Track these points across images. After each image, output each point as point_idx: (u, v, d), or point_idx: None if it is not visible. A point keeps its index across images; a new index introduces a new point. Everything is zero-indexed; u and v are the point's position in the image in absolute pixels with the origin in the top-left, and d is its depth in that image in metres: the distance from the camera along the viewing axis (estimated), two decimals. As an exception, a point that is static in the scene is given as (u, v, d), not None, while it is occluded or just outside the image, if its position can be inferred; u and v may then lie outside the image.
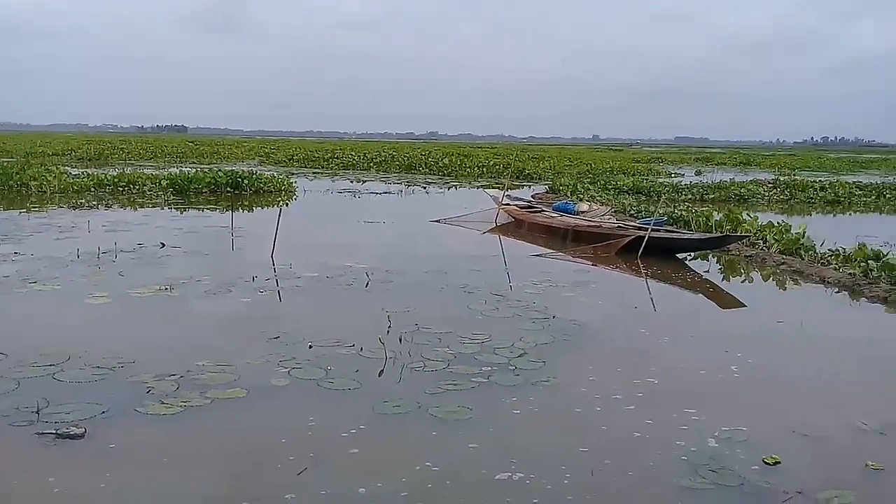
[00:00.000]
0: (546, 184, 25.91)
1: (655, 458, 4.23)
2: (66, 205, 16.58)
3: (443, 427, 4.60)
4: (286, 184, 21.66)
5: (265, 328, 6.57)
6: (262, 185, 20.85)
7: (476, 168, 33.45)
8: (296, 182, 23.22)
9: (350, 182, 27.30)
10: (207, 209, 16.92)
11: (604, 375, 5.64)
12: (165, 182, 20.20)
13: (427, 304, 7.72)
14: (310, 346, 6.05)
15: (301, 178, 26.98)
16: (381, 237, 13.39)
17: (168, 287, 8.10)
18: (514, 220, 14.90)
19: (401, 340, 6.24)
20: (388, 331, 6.48)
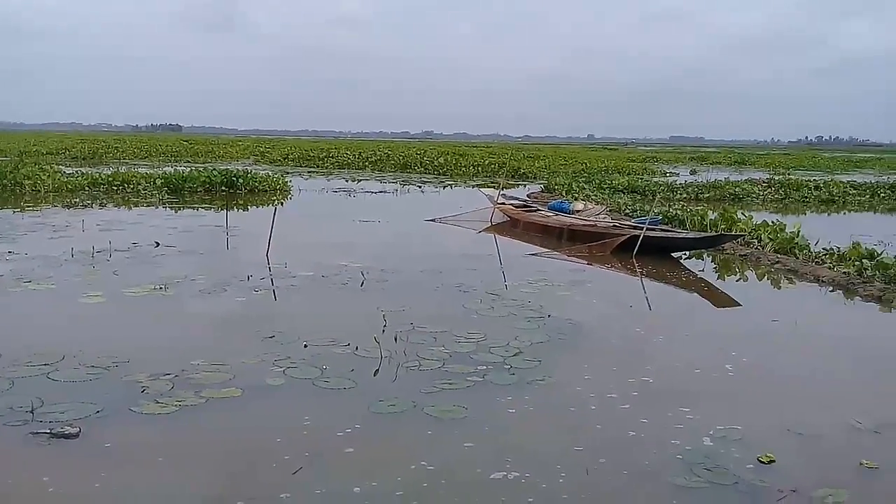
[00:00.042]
0: (541, 183, 25.92)
1: (650, 457, 4.24)
2: (61, 204, 16.54)
3: (438, 426, 4.60)
4: (281, 183, 21.63)
5: (260, 327, 6.56)
6: (257, 185, 20.83)
7: (471, 167, 33.50)
8: (291, 181, 23.18)
9: (345, 181, 27.29)
10: (202, 208, 16.88)
11: (599, 374, 5.64)
12: (160, 181, 20.16)
13: (422, 304, 7.73)
14: (305, 346, 6.05)
15: (296, 178, 26.95)
16: (377, 236, 13.38)
17: (163, 286, 8.09)
18: (510, 220, 14.90)
19: (396, 340, 6.25)
20: (384, 330, 6.48)
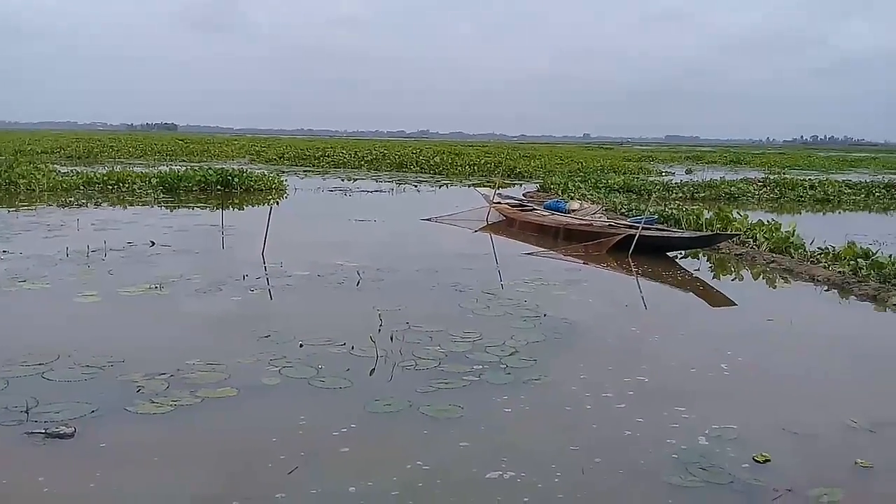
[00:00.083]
0: (537, 182, 25.95)
1: (646, 457, 4.25)
2: (56, 203, 16.50)
3: (434, 426, 4.60)
4: (277, 182, 21.62)
5: (256, 327, 6.55)
6: (253, 184, 20.80)
7: (467, 166, 33.51)
8: (286, 180, 23.17)
9: (341, 180, 27.28)
10: (197, 207, 16.85)
11: (594, 374, 5.65)
12: (155, 180, 20.13)
13: (418, 303, 7.72)
14: (301, 345, 6.04)
15: (292, 177, 26.93)
16: (372, 236, 13.37)
17: (158, 286, 8.07)
18: (506, 219, 14.91)
19: (392, 339, 6.24)
20: (380, 329, 6.48)
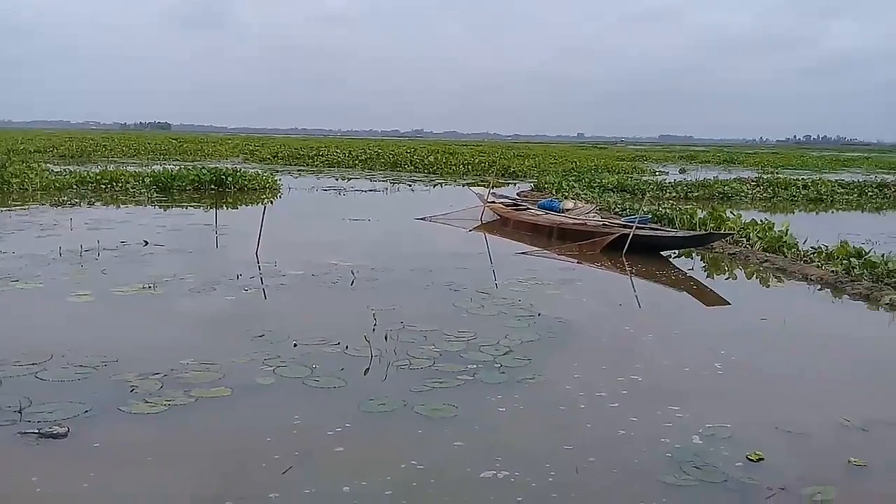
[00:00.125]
0: (531, 182, 25.97)
1: (640, 456, 4.25)
2: (48, 202, 16.43)
3: (428, 425, 4.60)
4: (271, 181, 21.57)
5: (250, 326, 6.54)
6: (247, 183, 20.76)
7: (461, 166, 33.51)
8: (280, 180, 23.12)
9: (335, 180, 27.26)
10: (191, 207, 16.81)
11: (589, 373, 5.65)
12: (149, 179, 20.07)
13: (412, 302, 7.72)
14: (295, 345, 6.03)
15: (286, 176, 26.87)
16: (367, 235, 13.35)
17: (151, 285, 8.05)
18: (500, 218, 14.91)
19: (386, 338, 6.24)
20: (374, 329, 6.47)
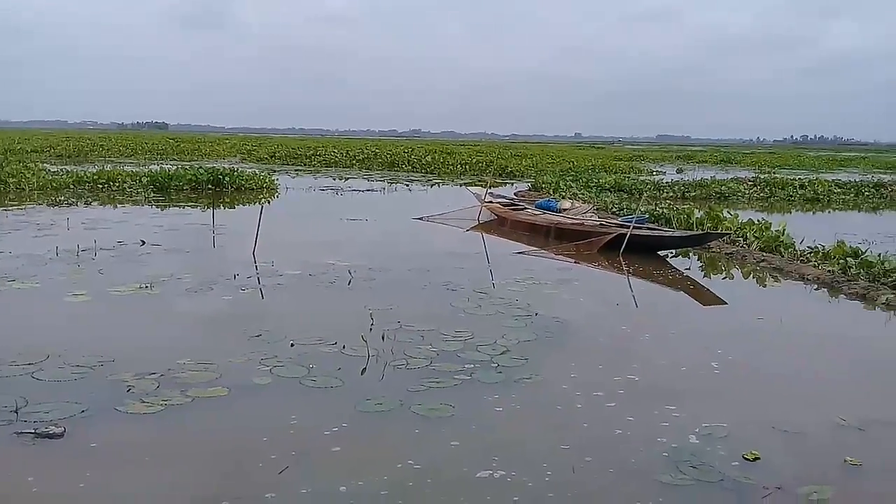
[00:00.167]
0: (529, 181, 25.97)
1: (636, 455, 4.26)
2: (45, 202, 16.39)
3: (425, 425, 4.60)
4: (268, 181, 21.57)
5: (247, 326, 6.53)
6: (244, 183, 20.74)
7: (459, 166, 33.54)
8: (278, 179, 23.12)
9: (332, 179, 27.25)
10: (188, 206, 16.79)
11: (586, 372, 5.66)
12: (146, 179, 20.05)
13: (410, 302, 7.72)
14: (292, 345, 6.03)
15: (283, 176, 26.85)
16: (364, 235, 13.35)
17: (148, 285, 8.04)
18: (497, 218, 14.91)
19: (383, 338, 6.24)
20: (371, 328, 6.48)
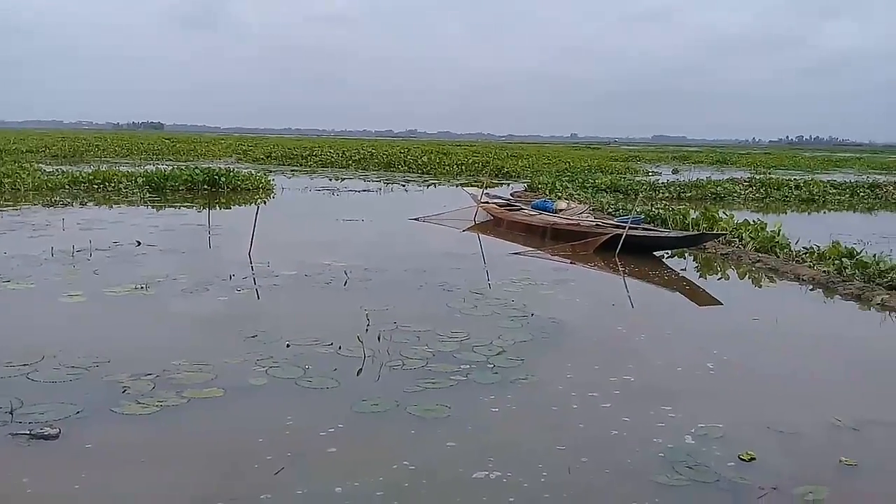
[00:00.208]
0: (525, 182, 26.00)
1: (632, 456, 4.26)
2: (41, 202, 16.37)
3: (421, 425, 4.60)
4: (264, 181, 21.54)
5: (243, 327, 6.52)
6: (240, 183, 20.71)
7: (455, 166, 33.52)
8: (274, 180, 23.09)
9: (328, 180, 27.23)
10: (184, 207, 16.77)
11: (581, 373, 5.66)
12: (141, 179, 20.01)
13: (406, 303, 7.72)
14: (287, 345, 6.02)
15: (279, 176, 26.83)
16: (360, 235, 13.34)
17: (144, 286, 8.03)
18: (493, 219, 14.92)
19: (379, 339, 6.23)
20: (367, 329, 6.47)
